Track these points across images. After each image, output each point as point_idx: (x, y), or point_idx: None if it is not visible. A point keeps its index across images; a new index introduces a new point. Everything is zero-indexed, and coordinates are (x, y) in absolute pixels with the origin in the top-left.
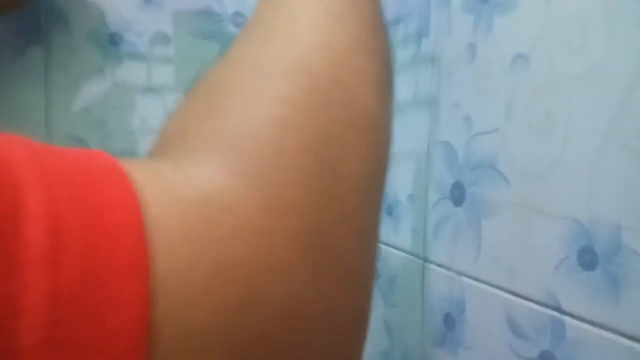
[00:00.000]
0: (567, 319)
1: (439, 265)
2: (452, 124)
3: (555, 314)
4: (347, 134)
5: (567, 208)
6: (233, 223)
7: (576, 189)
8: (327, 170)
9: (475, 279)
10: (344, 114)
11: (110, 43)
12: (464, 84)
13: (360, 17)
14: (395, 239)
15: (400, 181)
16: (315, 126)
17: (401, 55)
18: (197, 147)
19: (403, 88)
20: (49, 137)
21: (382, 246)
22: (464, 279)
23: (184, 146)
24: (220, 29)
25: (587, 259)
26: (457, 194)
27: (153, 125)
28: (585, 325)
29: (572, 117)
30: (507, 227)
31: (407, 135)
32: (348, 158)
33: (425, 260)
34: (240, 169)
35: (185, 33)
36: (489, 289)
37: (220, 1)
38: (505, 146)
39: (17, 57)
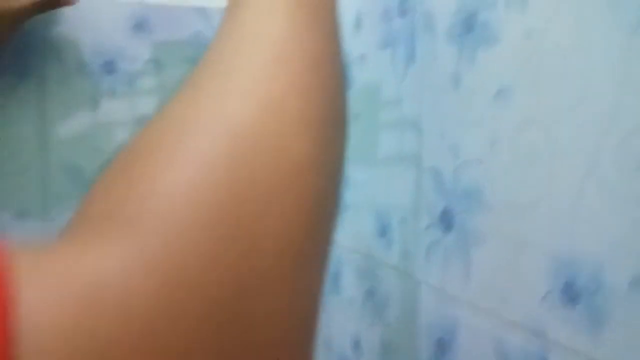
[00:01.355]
0: (553, 348)
1: (432, 289)
2: (439, 150)
3: (542, 343)
4: (271, 190)
5: (550, 242)
6: (123, 313)
7: (559, 224)
8: (244, 235)
9: (467, 304)
10: (268, 168)
11: (103, 72)
12: (450, 111)
13: (306, 54)
14: (388, 260)
15: (391, 203)
16: (232, 188)
17: (389, 79)
18: (101, 221)
19: (391, 112)
20: (45, 167)
21: (377, 266)
22: (456, 303)
23: (92, 220)
24: None
25: (571, 294)
26: (447, 220)
27: None
28: (570, 357)
29: (554, 152)
30: (495, 256)
31: (397, 158)
32: (270, 217)
33: (418, 282)
34: (140, 246)
35: (176, 59)
36: (480, 315)
37: (211, 26)
38: (490, 177)
39: (12, 89)
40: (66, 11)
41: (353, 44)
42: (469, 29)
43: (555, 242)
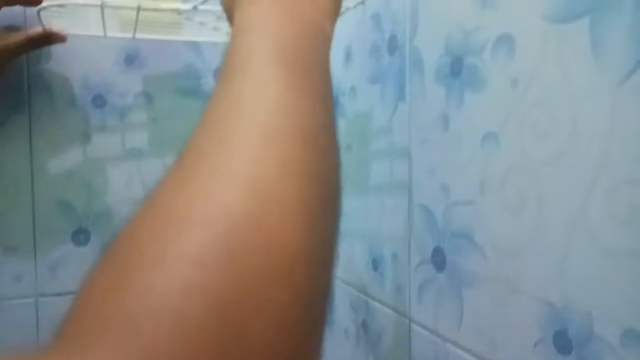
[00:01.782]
0: None
1: (424, 328)
2: (430, 188)
3: None
4: (261, 286)
5: (540, 289)
6: None
7: (549, 271)
8: (233, 334)
9: (459, 347)
10: (261, 265)
11: (93, 106)
12: (439, 150)
13: (300, 129)
14: (381, 294)
15: (384, 233)
16: (223, 286)
17: (379, 112)
18: (93, 330)
19: (381, 142)
20: (34, 201)
21: (370, 300)
22: (448, 345)
23: (82, 328)
24: (202, 86)
25: (562, 344)
26: (439, 260)
27: (137, 186)
28: None
29: (542, 201)
30: (486, 299)
31: (388, 187)
32: (260, 315)
33: (411, 320)
34: (134, 353)
35: (167, 92)
36: (472, 358)
37: (202, 58)
38: (480, 219)
39: (1, 123)
40: (56, 45)
41: (343, 76)
42: (457, 72)
43: (546, 289)
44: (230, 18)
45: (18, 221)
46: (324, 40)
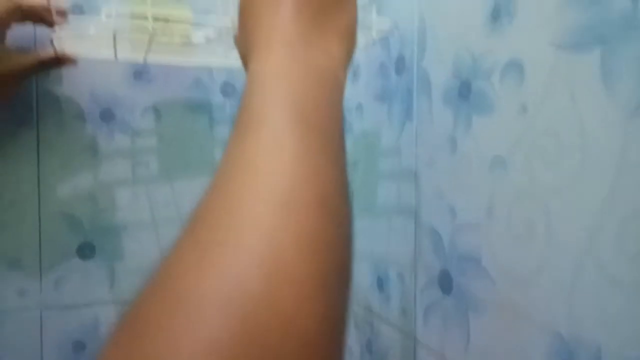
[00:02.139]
0: None
1: (430, 350)
2: (437, 210)
3: None
4: None
5: (548, 317)
6: None
7: (557, 302)
8: None
9: None
10: (278, 344)
11: (101, 120)
12: (447, 172)
13: (316, 194)
14: (387, 315)
15: (390, 254)
16: None
17: (386, 133)
18: None
19: (389, 162)
20: (40, 215)
21: (375, 320)
22: None
23: None
24: (209, 101)
25: None
26: (445, 282)
27: (143, 200)
28: None
29: (551, 229)
30: (493, 324)
31: (395, 207)
32: None
33: (417, 342)
34: None
35: (175, 107)
36: None
37: (210, 73)
38: (488, 244)
39: (10, 138)
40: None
41: (350, 93)
42: (465, 95)
43: (554, 319)
44: (245, 62)
45: (24, 235)
46: (338, 89)
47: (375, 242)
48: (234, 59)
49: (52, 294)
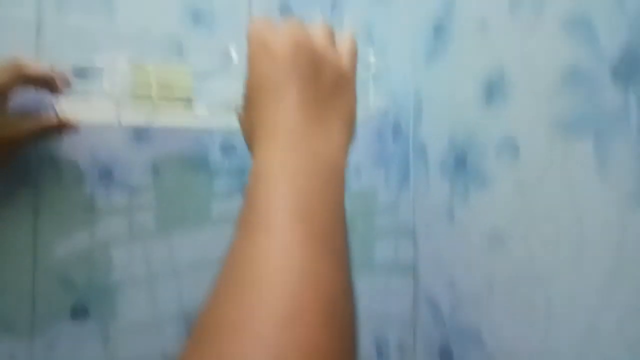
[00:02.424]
0: None
1: None
2: (436, 279)
3: None
4: None
5: None
6: None
7: None
8: None
9: None
10: None
11: (100, 181)
12: (445, 244)
13: (322, 301)
14: None
15: (388, 321)
16: None
17: (383, 197)
18: None
19: (386, 222)
20: (35, 278)
21: None
22: None
23: None
24: (208, 158)
25: None
26: (446, 357)
27: (140, 263)
28: None
29: (551, 311)
30: None
31: (393, 267)
32: None
33: None
34: None
35: (175, 166)
36: None
37: (210, 134)
38: (488, 321)
39: (7, 198)
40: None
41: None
42: (461, 167)
43: None
44: (249, 145)
45: (16, 298)
46: (340, 177)
47: (374, 299)
48: (235, 121)
49: (44, 358)
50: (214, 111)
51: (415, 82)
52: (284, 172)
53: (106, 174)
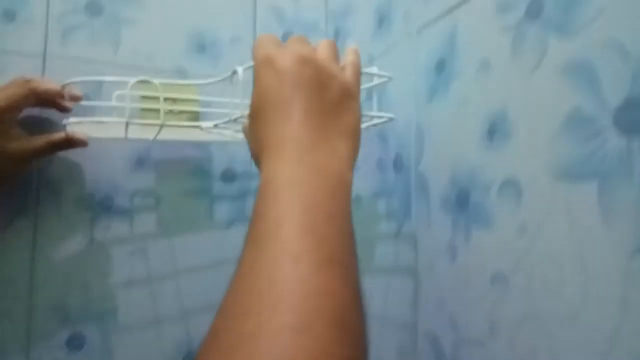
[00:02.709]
0: None
1: None
2: (437, 319)
3: None
4: None
5: None
6: None
7: None
8: None
9: None
10: None
11: (100, 207)
12: (447, 281)
13: (328, 320)
14: None
15: (389, 357)
16: None
17: (384, 229)
18: None
19: (387, 263)
20: (32, 305)
21: None
22: None
23: None
24: (209, 187)
25: None
26: None
27: (139, 291)
28: None
29: (555, 355)
30: None
31: (394, 311)
32: None
33: None
34: None
35: (175, 193)
36: None
37: (210, 160)
38: None
39: (6, 225)
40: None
41: None
42: (463, 205)
43: None
44: (256, 160)
45: (12, 325)
46: (346, 190)
47: (374, 335)
48: (241, 137)
49: None
50: (220, 125)
51: (417, 115)
52: (291, 184)
53: (107, 201)
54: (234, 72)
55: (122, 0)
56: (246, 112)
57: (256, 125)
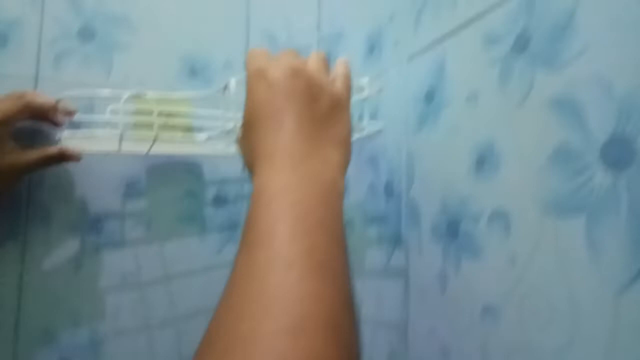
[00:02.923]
0: None
1: None
2: (428, 348)
3: None
4: None
5: None
6: None
7: None
8: None
9: None
10: None
11: (90, 231)
12: (438, 310)
13: (321, 322)
14: None
15: None
16: None
17: (374, 256)
18: None
19: (377, 287)
20: (19, 333)
21: None
22: None
23: None
24: (200, 212)
25: None
26: None
27: (127, 317)
28: None
29: None
30: None
31: (382, 326)
32: None
33: None
34: None
35: (166, 218)
36: None
37: (202, 184)
38: None
39: None
40: (60, 170)
41: None
42: (453, 234)
43: None
44: (249, 170)
45: None
46: (338, 197)
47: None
48: (234, 150)
49: None
50: (213, 137)
51: (408, 142)
52: (284, 192)
53: (96, 225)
54: (227, 85)
55: (115, 25)
56: (239, 124)
57: (249, 136)
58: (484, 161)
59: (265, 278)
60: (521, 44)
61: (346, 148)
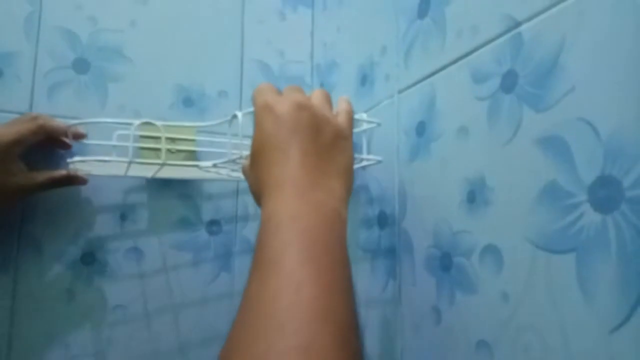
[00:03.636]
0: None
1: None
2: None
3: None
4: None
5: None
6: None
7: None
8: None
9: None
10: None
11: (82, 263)
12: (432, 343)
13: (329, 340)
14: None
15: None
16: None
17: (369, 286)
18: None
19: (372, 317)
20: None
21: None
22: None
23: None
24: (195, 239)
25: None
26: None
27: (119, 346)
28: None
29: None
30: None
31: None
32: None
33: None
34: None
35: (160, 246)
36: None
37: (197, 211)
38: None
39: None
40: (50, 201)
41: None
42: (446, 267)
43: None
44: (257, 198)
45: None
46: (342, 225)
47: None
48: (235, 177)
49: None
50: (218, 164)
51: (400, 173)
52: (291, 218)
53: (88, 258)
54: (234, 116)
55: (109, 57)
56: (244, 152)
57: (257, 166)
58: (475, 195)
59: (277, 300)
60: (509, 83)
61: (348, 178)
